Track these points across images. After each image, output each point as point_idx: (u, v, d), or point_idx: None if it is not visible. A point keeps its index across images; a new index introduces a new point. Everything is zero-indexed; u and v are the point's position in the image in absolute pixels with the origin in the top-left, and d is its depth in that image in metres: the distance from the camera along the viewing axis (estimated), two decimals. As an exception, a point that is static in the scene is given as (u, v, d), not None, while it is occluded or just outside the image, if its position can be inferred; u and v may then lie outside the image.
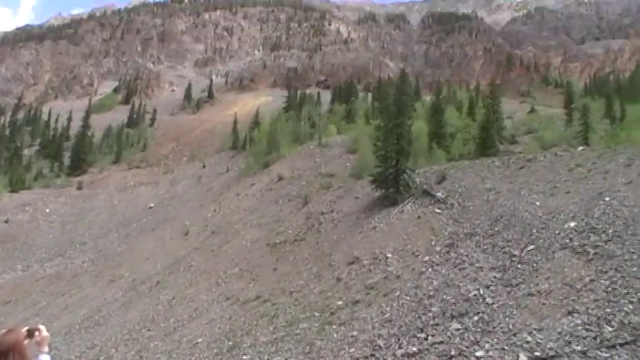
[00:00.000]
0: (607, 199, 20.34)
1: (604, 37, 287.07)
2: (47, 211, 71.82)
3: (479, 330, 13.81)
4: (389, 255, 23.32)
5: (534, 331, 12.70)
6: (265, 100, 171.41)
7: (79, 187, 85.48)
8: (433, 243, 23.14)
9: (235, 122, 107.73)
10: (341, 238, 28.54)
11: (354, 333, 16.24)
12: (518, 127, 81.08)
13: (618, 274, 14.41)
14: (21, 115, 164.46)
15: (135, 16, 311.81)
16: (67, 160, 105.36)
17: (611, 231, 17.42)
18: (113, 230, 61.47)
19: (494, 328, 13.66)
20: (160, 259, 41.24)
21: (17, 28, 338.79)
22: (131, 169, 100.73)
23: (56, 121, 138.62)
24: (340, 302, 19.88)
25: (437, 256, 21.50)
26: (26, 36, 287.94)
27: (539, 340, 12.21)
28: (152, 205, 70.05)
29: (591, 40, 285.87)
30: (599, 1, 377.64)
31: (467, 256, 20.20)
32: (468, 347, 13.06)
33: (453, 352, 13.02)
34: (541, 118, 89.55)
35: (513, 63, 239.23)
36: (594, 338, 11.72)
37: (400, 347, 14.37)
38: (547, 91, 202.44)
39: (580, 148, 34.41)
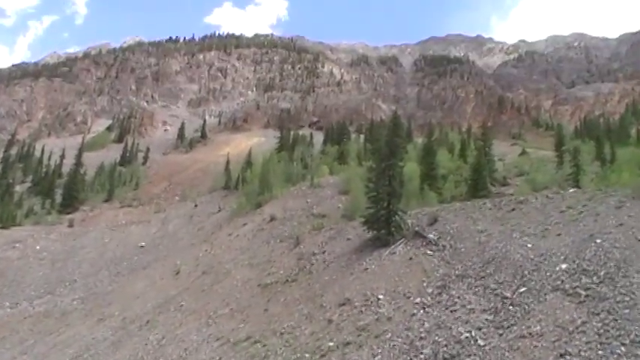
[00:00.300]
0: (598, 240, 20.40)
1: (594, 81, 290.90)
2: (37, 248, 71.27)
3: (471, 372, 13.73)
4: (380, 296, 23.25)
5: (527, 374, 12.64)
6: (258, 141, 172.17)
7: (70, 225, 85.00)
8: (425, 285, 23.10)
9: (228, 162, 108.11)
10: (332, 279, 28.44)
11: (346, 375, 16.11)
12: (510, 169, 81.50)
13: (610, 316, 14.39)
14: (14, 151, 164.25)
15: (130, 55, 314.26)
16: (58, 198, 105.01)
17: (602, 273, 17.44)
18: (104, 268, 61.02)
19: (486, 370, 13.58)
20: (151, 299, 40.91)
21: (13, 65, 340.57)
22: (123, 207, 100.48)
23: (49, 158, 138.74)
24: (331, 344, 19.75)
25: (428, 298, 21.45)
26: (21, 73, 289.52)
27: (531, 383, 12.15)
28: (143, 243, 69.72)
29: (581, 84, 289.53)
30: (589, 45, 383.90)
31: (458, 297, 20.16)
32: (460, 390, 12.97)
33: (445, 395, 12.92)
34: (532, 161, 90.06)
35: (504, 106, 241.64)
36: (587, 381, 11.66)
37: (391, 390, 14.25)
38: (538, 133, 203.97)
39: (571, 190, 34.59)
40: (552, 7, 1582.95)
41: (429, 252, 26.78)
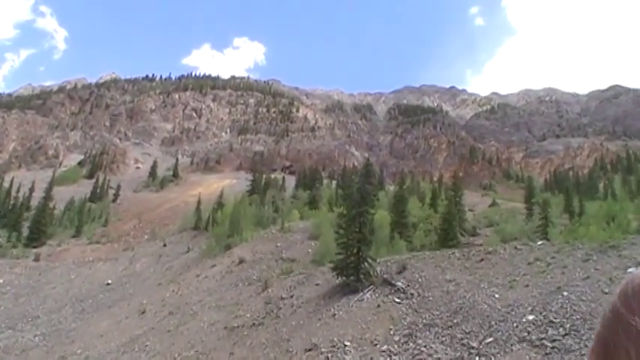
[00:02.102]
0: (565, 293, 20.59)
1: (564, 135, 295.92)
2: (1, 281, 69.61)
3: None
4: (347, 343, 23.11)
5: None
6: (230, 183, 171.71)
7: (36, 259, 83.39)
8: (392, 332, 23.03)
9: (199, 202, 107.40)
10: (300, 324, 28.23)
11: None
12: (480, 219, 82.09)
13: (575, 369, 14.44)
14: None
15: (105, 91, 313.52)
16: (25, 231, 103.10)
17: (568, 325, 17.56)
18: (68, 305, 59.86)
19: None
20: (115, 338, 40.21)
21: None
22: (91, 243, 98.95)
23: (18, 190, 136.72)
24: (296, 390, 19.53)
25: (395, 346, 21.36)
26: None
27: None
28: (110, 281, 68.55)
29: (552, 137, 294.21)
30: (560, 100, 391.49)
31: (425, 346, 20.11)
32: None
33: None
34: (502, 212, 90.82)
35: (476, 156, 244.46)
36: None
37: None
38: (508, 185, 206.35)
39: (539, 243, 34.96)
40: (525, 62, 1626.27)
41: (397, 300, 26.78)
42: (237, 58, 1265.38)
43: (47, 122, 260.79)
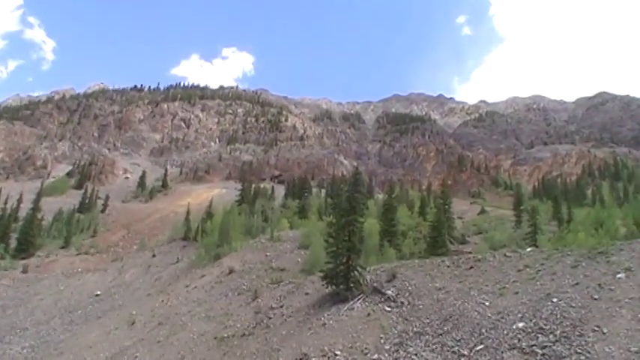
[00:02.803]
0: (555, 300, 20.62)
1: (552, 142, 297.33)
2: (-12, 294, 69.43)
3: None
4: (337, 352, 23.04)
5: None
6: (219, 192, 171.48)
7: (24, 271, 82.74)
8: (382, 341, 22.97)
9: (188, 212, 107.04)
10: (290, 333, 28.13)
11: None
12: (469, 227, 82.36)
13: (566, 376, 14.43)
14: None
15: (93, 102, 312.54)
16: (13, 242, 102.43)
17: (558, 332, 17.57)
18: (57, 317, 59.41)
19: None
20: (104, 349, 39.92)
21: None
22: (79, 254, 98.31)
23: (5, 201, 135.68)
24: (287, 400, 19.43)
25: (386, 355, 21.32)
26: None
27: None
28: (99, 292, 68.16)
29: (540, 145, 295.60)
30: (548, 107, 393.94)
31: (416, 355, 20.07)
32: None
33: None
34: (491, 219, 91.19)
35: (464, 164, 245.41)
36: None
37: None
38: (497, 192, 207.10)
39: (528, 249, 34.99)
40: (513, 70, 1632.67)
41: (387, 308, 26.74)
42: (226, 69, 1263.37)
43: (35, 133, 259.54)
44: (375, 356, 21.36)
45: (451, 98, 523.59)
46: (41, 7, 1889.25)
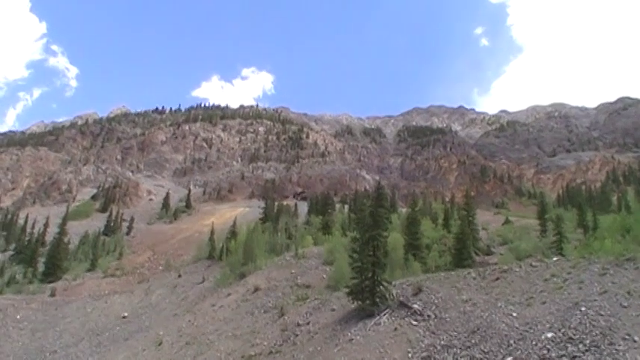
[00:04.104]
0: (583, 309, 20.37)
1: (574, 150, 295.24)
2: (18, 317, 69.73)
3: None
4: (365, 367, 22.91)
5: None
6: (243, 211, 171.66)
7: (52, 294, 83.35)
8: (410, 355, 22.81)
9: (212, 232, 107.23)
10: (317, 350, 28.02)
11: None
12: (493, 238, 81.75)
13: (597, 386, 14.24)
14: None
15: (116, 125, 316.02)
16: (41, 266, 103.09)
17: (588, 341, 17.35)
18: (85, 339, 59.74)
19: None
20: (132, 372, 40.04)
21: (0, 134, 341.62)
22: (106, 277, 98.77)
23: (32, 226, 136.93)
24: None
25: (414, 369, 21.16)
26: (8, 141, 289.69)
27: None
28: (126, 314, 68.51)
29: (562, 153, 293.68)
30: (569, 114, 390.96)
31: (444, 368, 19.90)
32: None
33: None
34: (515, 229, 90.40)
35: (487, 175, 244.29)
36: None
37: None
38: (521, 202, 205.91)
39: (555, 259, 34.69)
40: (532, 79, 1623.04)
41: (413, 322, 26.57)
42: (246, 88, 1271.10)
43: (60, 158, 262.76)
44: (403, 371, 21.22)
45: (471, 109, 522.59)
46: (64, 34, 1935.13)
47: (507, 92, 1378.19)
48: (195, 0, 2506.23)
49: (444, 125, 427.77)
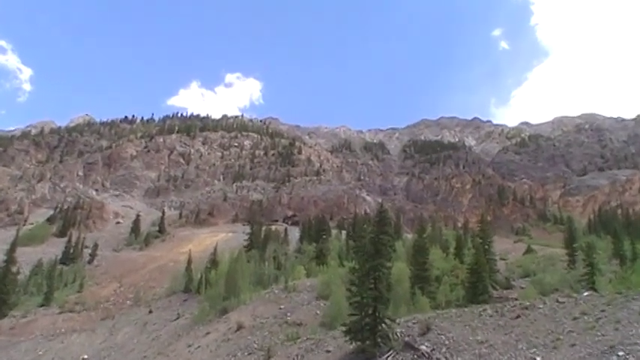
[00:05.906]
0: (620, 353, 20.17)
1: (608, 167, 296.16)
2: (-47, 362, 69.45)
3: None
4: (365, 420, 22.72)
5: None
6: (225, 237, 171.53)
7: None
8: (417, 405, 22.62)
9: (189, 261, 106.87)
10: (309, 399, 27.80)
11: None
12: (513, 269, 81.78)
13: None
14: None
15: (77, 136, 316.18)
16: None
17: (626, 392, 17.12)
18: (36, 387, 59.41)
19: None
20: None
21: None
22: (63, 312, 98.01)
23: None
24: None
25: (422, 422, 20.95)
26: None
27: None
28: (86, 356, 68.00)
29: (594, 171, 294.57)
30: (602, 127, 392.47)
31: (457, 421, 19.70)
32: None
33: None
34: (539, 259, 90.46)
35: (506, 197, 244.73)
36: None
37: None
38: (545, 228, 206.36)
39: (585, 294, 34.56)
40: (560, 87, 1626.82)
41: (421, 366, 26.38)
42: (231, 97, 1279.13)
43: (9, 173, 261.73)
44: None
45: (488, 121, 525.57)
46: (13, 29, 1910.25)
47: (530, 102, 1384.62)
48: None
49: (457, 139, 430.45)
